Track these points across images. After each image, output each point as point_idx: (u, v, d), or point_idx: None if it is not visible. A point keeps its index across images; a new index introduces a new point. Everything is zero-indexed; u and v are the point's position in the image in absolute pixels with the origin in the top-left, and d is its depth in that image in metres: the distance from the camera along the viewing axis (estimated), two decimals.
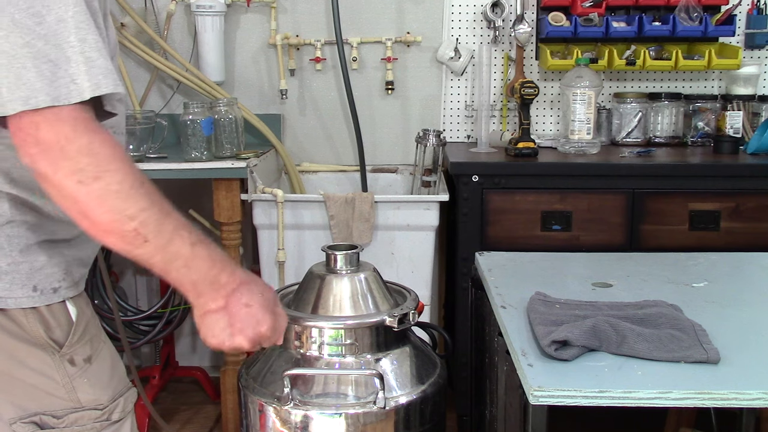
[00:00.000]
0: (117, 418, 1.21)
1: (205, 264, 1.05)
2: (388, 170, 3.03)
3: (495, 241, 2.46)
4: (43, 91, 0.93)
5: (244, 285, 1.10)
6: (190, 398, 3.03)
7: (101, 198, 0.95)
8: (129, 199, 0.97)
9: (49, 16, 0.95)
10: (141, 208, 0.98)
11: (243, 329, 1.10)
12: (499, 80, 3.00)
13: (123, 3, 2.81)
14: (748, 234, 2.46)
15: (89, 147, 0.94)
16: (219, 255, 1.07)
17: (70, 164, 0.94)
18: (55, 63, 0.94)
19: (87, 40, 0.97)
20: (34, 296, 1.12)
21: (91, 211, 0.96)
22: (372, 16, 2.98)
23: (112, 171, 0.96)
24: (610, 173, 2.51)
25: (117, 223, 0.96)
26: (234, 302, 1.09)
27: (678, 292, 1.58)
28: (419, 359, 1.68)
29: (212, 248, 1.06)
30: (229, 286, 1.08)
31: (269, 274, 2.59)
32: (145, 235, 0.98)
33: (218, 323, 1.09)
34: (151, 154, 2.55)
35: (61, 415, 1.15)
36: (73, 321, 1.16)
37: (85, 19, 0.97)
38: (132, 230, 0.97)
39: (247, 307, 1.10)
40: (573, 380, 1.18)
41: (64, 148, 0.94)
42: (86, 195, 0.95)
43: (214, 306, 1.08)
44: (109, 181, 0.95)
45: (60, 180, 0.94)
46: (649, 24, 2.77)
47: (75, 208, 0.97)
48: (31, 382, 1.14)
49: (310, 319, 1.61)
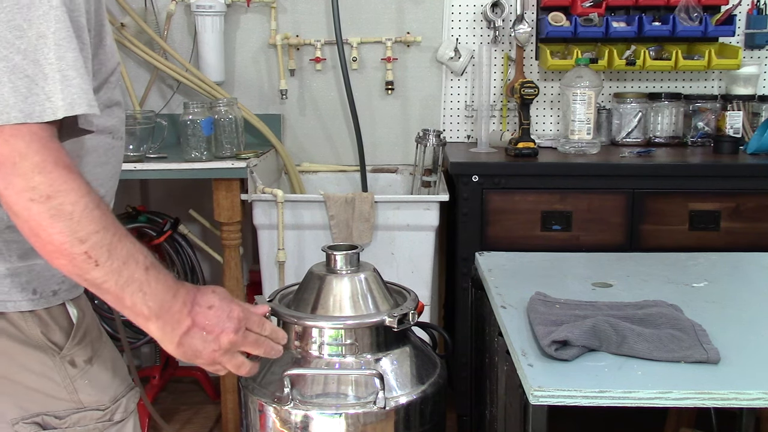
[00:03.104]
0: (119, 419, 1.21)
1: (161, 287, 1.02)
2: (388, 170, 3.03)
3: (495, 241, 2.46)
4: (16, 107, 0.91)
5: (197, 295, 1.09)
6: (190, 398, 3.03)
7: (53, 218, 0.92)
8: (81, 220, 0.94)
9: (30, 31, 0.93)
10: (93, 230, 0.94)
11: (222, 327, 1.09)
12: (499, 80, 3.00)
13: (123, 3, 2.81)
14: (748, 234, 2.46)
15: (42, 165, 0.92)
16: (171, 277, 1.05)
17: (21, 181, 0.91)
18: (32, 79, 0.92)
19: (66, 57, 0.95)
20: (33, 299, 1.11)
21: (42, 231, 0.93)
22: (372, 16, 2.98)
23: (65, 191, 0.93)
24: (610, 173, 2.51)
25: (67, 245, 0.93)
26: (198, 313, 1.07)
27: (678, 292, 1.58)
28: (419, 359, 1.68)
29: (165, 271, 1.04)
30: (188, 303, 1.06)
31: (269, 274, 2.59)
32: (96, 259, 0.95)
33: (196, 339, 1.07)
34: (151, 154, 2.55)
35: (63, 415, 1.15)
36: (73, 323, 1.16)
37: (66, 36, 0.95)
38: (82, 253, 0.94)
39: (211, 308, 1.09)
40: (573, 380, 1.18)
41: (17, 164, 0.91)
42: (37, 214, 0.92)
43: (184, 327, 1.05)
44: (61, 201, 0.92)
45: (11, 196, 0.92)
46: (649, 24, 2.77)
47: (26, 226, 0.94)
48: (33, 385, 1.13)
49: (310, 319, 1.61)
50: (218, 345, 1.09)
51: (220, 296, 1.11)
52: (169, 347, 1.07)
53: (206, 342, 1.08)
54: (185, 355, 1.08)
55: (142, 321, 1.03)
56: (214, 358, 1.09)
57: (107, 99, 1.16)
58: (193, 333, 1.07)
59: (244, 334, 1.12)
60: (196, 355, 1.08)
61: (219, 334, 1.09)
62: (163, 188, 3.15)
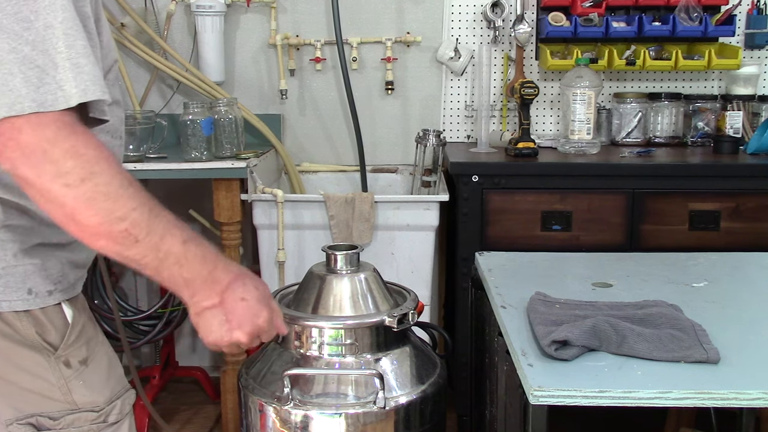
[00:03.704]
0: (114, 420, 1.21)
1: (197, 261, 1.03)
2: (388, 170, 3.03)
3: (495, 241, 2.46)
4: (29, 97, 0.92)
5: (238, 280, 1.09)
6: (190, 398, 3.03)
7: (89, 200, 0.93)
8: (118, 199, 0.95)
9: (37, 22, 0.93)
10: (131, 208, 0.96)
11: (241, 324, 1.09)
12: (499, 80, 3.00)
13: (123, 3, 2.81)
14: (748, 234, 2.46)
15: (74, 149, 0.93)
16: (211, 251, 1.06)
17: (53, 168, 0.92)
18: (42, 69, 0.93)
19: (75, 46, 0.95)
20: (28, 299, 1.11)
21: (79, 215, 0.94)
22: (372, 16, 2.98)
23: (99, 172, 0.94)
24: (610, 173, 2.51)
25: (107, 225, 0.94)
26: (229, 298, 1.08)
27: (678, 292, 1.58)
28: (419, 359, 1.68)
29: (204, 245, 1.05)
30: (223, 281, 1.07)
31: (269, 274, 2.59)
32: (135, 236, 0.96)
33: (215, 319, 1.08)
34: (151, 154, 2.55)
35: (57, 416, 1.15)
36: (68, 323, 1.16)
37: (73, 25, 0.96)
38: (123, 231, 0.95)
39: (243, 301, 1.09)
40: (573, 380, 1.18)
41: (47, 151, 0.92)
42: (73, 198, 0.93)
43: (209, 303, 1.07)
44: (96, 182, 0.93)
45: (44, 184, 0.92)
46: (649, 24, 2.77)
47: (61, 212, 0.94)
48: (27, 385, 1.13)
49: (310, 319, 1.61)
50: (229, 336, 1.10)
51: (258, 295, 1.12)
52: (191, 313, 1.09)
53: (221, 327, 1.09)
54: (198, 326, 1.09)
55: (177, 289, 1.05)
56: (218, 343, 1.11)
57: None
58: (215, 313, 1.08)
59: (254, 339, 1.13)
60: (206, 332, 1.10)
61: (235, 329, 1.09)
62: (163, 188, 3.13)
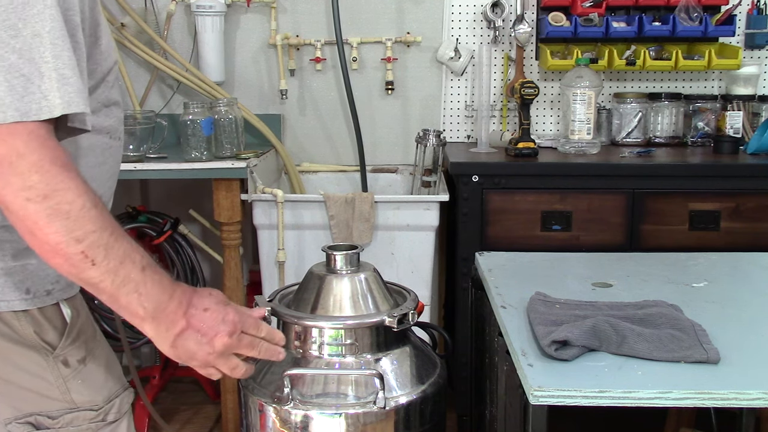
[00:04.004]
0: (113, 419, 1.21)
1: (156, 288, 1.02)
2: (388, 170, 3.03)
3: (495, 241, 2.46)
4: (12, 106, 0.91)
5: (193, 296, 1.09)
6: (190, 398, 3.03)
7: (49, 217, 0.92)
8: (78, 220, 0.93)
9: (25, 30, 0.92)
10: (90, 230, 0.94)
11: (216, 331, 1.09)
12: (499, 80, 3.00)
13: (123, 3, 2.81)
14: (748, 234, 2.46)
15: (40, 164, 0.91)
16: (167, 278, 1.05)
17: (18, 180, 0.91)
18: (28, 78, 0.92)
19: (62, 56, 0.94)
20: (27, 299, 1.11)
21: (38, 230, 0.92)
22: (372, 16, 2.98)
23: (63, 190, 0.92)
24: (610, 173, 2.51)
25: (63, 245, 0.93)
26: (193, 315, 1.07)
27: (678, 292, 1.58)
28: (419, 359, 1.68)
29: (160, 272, 1.04)
30: (183, 304, 1.06)
31: (269, 274, 2.59)
32: (92, 258, 0.95)
33: (190, 341, 1.07)
34: (151, 154, 2.55)
35: (56, 415, 1.15)
36: (67, 322, 1.15)
37: (61, 35, 0.95)
38: (79, 252, 0.94)
39: (206, 311, 1.09)
40: (573, 380, 1.18)
41: (14, 163, 0.90)
42: (34, 213, 0.91)
43: (178, 329, 1.06)
44: (58, 200, 0.92)
45: (7, 195, 0.91)
46: (649, 24, 2.77)
47: (22, 225, 0.93)
48: (26, 384, 1.13)
49: (310, 319, 1.61)
50: (212, 348, 1.09)
51: (216, 299, 1.12)
52: (164, 347, 1.07)
53: (200, 344, 1.08)
54: (179, 356, 1.08)
55: (137, 321, 1.04)
56: (208, 361, 1.10)
57: (105, 98, 1.16)
58: (188, 335, 1.07)
59: (239, 337, 1.12)
60: (190, 357, 1.08)
61: (213, 337, 1.09)
62: (163, 188, 3.15)
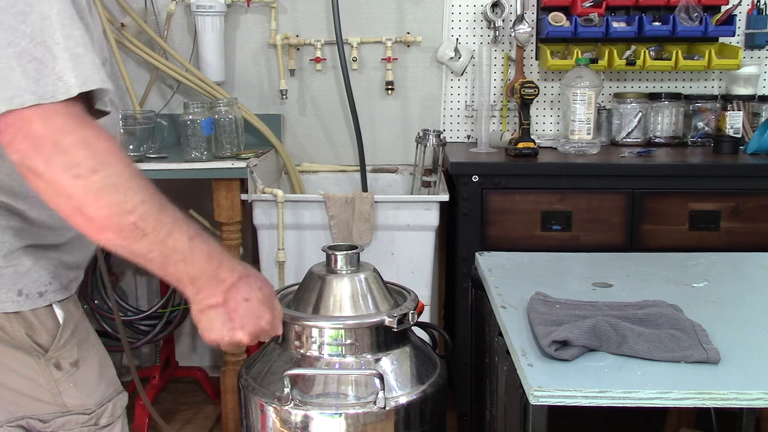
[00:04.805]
0: (105, 423, 1.21)
1: (203, 258, 1.03)
2: (388, 170, 3.03)
3: (495, 241, 2.46)
4: (29, 90, 0.91)
5: (242, 280, 1.09)
6: (190, 398, 3.03)
7: (99, 192, 0.92)
8: (128, 191, 0.94)
9: (32, 15, 0.92)
10: (140, 201, 0.95)
11: (243, 324, 1.09)
12: (499, 80, 3.00)
13: (123, 3, 2.81)
14: (748, 234, 2.46)
15: (84, 140, 0.92)
16: (217, 249, 1.06)
17: (64, 159, 0.91)
18: (41, 61, 0.92)
19: (72, 36, 0.94)
20: (19, 300, 1.10)
21: (87, 206, 0.92)
22: (372, 16, 2.98)
23: (109, 164, 0.93)
24: (610, 173, 2.51)
25: (115, 217, 0.93)
26: (233, 297, 1.08)
27: (678, 292, 1.58)
28: (419, 359, 1.68)
29: (210, 242, 1.05)
30: (227, 281, 1.07)
31: (269, 274, 2.58)
32: (143, 229, 0.95)
33: (218, 318, 1.08)
34: (151, 154, 2.55)
35: (47, 419, 1.14)
36: (60, 324, 1.15)
37: (69, 15, 0.95)
38: (131, 224, 0.94)
39: (246, 301, 1.09)
40: (573, 380, 1.18)
41: (58, 142, 0.91)
42: (83, 189, 0.92)
43: (213, 301, 1.06)
44: (106, 173, 0.92)
45: (53, 175, 0.91)
46: (649, 24, 2.77)
47: (69, 204, 0.93)
48: (17, 387, 1.13)
49: (310, 319, 1.61)
50: (231, 335, 1.09)
51: (262, 296, 1.12)
52: (193, 310, 1.08)
53: (223, 327, 1.08)
54: (200, 323, 1.09)
55: (181, 285, 1.05)
56: (221, 340, 1.10)
57: None
58: (219, 312, 1.08)
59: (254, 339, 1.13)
60: (209, 330, 1.09)
61: (237, 329, 1.09)
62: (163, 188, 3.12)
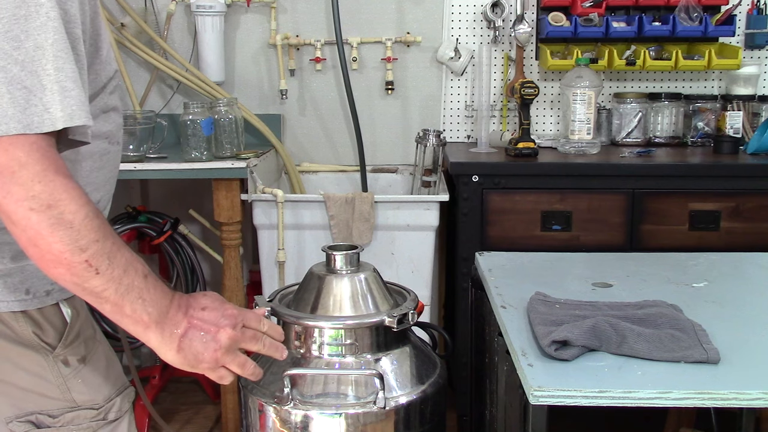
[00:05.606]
0: (113, 418, 1.21)
1: (158, 293, 1.03)
2: (388, 170, 3.03)
3: (495, 241, 2.46)
4: (15, 118, 0.91)
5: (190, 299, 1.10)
6: (190, 398, 3.03)
7: (53, 227, 0.92)
8: (82, 229, 0.93)
9: (27, 42, 0.92)
10: (93, 239, 0.94)
11: (218, 325, 1.09)
12: (499, 80, 3.00)
13: (123, 3, 2.81)
14: (748, 234, 2.46)
15: (43, 174, 0.91)
16: (165, 284, 1.06)
17: (21, 190, 0.91)
18: (30, 90, 0.92)
19: (64, 69, 0.94)
20: (26, 299, 1.11)
21: (41, 240, 0.92)
22: (372, 16, 2.98)
23: (65, 200, 0.92)
24: (610, 173, 2.51)
25: (68, 254, 0.93)
26: (192, 315, 1.08)
27: (678, 292, 1.58)
28: (419, 359, 1.68)
29: (159, 278, 1.05)
30: (182, 306, 1.07)
31: (269, 274, 2.59)
32: (96, 267, 0.95)
33: (195, 342, 1.07)
34: (151, 154, 2.55)
35: (56, 414, 1.15)
36: (67, 322, 1.16)
37: (64, 47, 0.95)
38: (83, 261, 0.94)
39: (204, 309, 1.10)
40: (573, 380, 1.18)
41: (16, 173, 0.90)
42: (37, 223, 0.91)
43: (182, 330, 1.06)
44: (62, 210, 0.92)
45: (9, 205, 0.91)
46: (649, 24, 2.77)
47: (24, 236, 0.93)
48: (26, 384, 1.14)
49: (310, 319, 1.61)
50: (218, 344, 1.09)
51: (212, 298, 1.13)
52: (169, 354, 1.06)
53: (206, 342, 1.08)
54: (187, 359, 1.07)
55: (141, 329, 1.03)
56: (216, 358, 1.09)
57: (104, 105, 1.16)
58: (192, 335, 1.07)
59: (242, 330, 1.13)
60: (197, 359, 1.08)
61: (217, 333, 1.09)
62: (163, 188, 3.15)
